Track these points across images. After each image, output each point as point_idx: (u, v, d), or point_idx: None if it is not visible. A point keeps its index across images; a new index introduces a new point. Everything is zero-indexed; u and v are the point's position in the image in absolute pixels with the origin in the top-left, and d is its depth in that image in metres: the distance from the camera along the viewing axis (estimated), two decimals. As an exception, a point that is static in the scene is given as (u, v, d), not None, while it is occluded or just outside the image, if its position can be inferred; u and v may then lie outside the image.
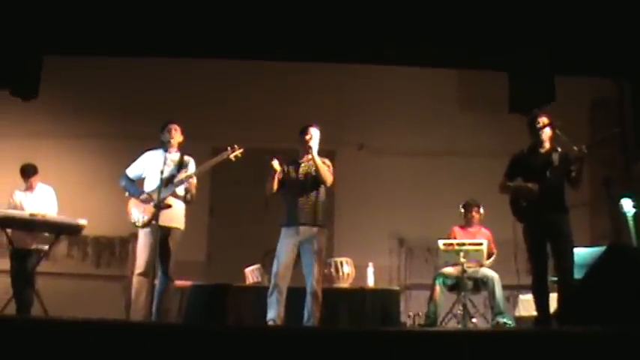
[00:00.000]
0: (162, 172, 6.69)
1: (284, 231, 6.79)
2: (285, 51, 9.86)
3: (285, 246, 6.71)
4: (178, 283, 7.21)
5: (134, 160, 7.14)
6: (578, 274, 6.04)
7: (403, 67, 10.31)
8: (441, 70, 10.36)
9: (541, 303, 6.28)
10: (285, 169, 6.89)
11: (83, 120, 10.25)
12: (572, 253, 6.21)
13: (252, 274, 8.18)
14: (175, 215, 6.86)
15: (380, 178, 10.25)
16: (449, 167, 10.13)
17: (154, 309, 6.54)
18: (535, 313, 6.45)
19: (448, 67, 10.37)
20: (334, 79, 10.43)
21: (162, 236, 6.67)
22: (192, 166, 7.03)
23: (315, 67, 10.26)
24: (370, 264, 8.41)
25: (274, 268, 6.68)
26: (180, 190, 6.92)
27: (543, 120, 6.48)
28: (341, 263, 8.12)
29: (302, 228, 6.70)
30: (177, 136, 7.03)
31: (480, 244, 7.68)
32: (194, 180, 6.97)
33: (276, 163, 6.80)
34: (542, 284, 6.29)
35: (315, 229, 6.71)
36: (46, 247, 7.95)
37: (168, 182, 6.76)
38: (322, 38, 9.47)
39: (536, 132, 6.48)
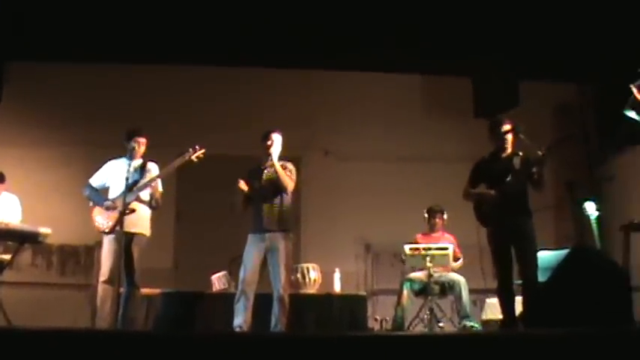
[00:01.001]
0: (127, 179, 6.64)
1: (250, 237, 6.79)
2: (250, 57, 9.85)
3: (252, 252, 6.70)
4: (145, 290, 7.15)
5: (98, 168, 7.09)
6: (543, 277, 6.07)
7: (367, 73, 10.34)
8: (405, 75, 10.41)
9: (506, 306, 6.30)
10: (250, 178, 6.91)
11: (47, 127, 10.12)
12: (535, 256, 6.25)
13: (218, 280, 8.13)
14: (140, 221, 6.80)
15: (346, 184, 10.25)
16: (415, 172, 10.15)
17: (119, 317, 6.47)
18: (501, 317, 6.48)
19: (412, 73, 10.43)
20: (300, 86, 10.44)
21: (126, 242, 6.61)
22: (155, 171, 6.99)
23: (281, 74, 10.26)
24: (337, 270, 8.43)
25: (241, 275, 6.67)
26: (145, 195, 6.88)
27: (506, 127, 6.51)
28: (307, 269, 8.10)
29: (268, 234, 6.70)
30: (142, 148, 7.01)
31: (446, 248, 7.71)
32: (159, 184, 6.95)
33: (242, 185, 6.82)
34: (507, 288, 6.30)
35: (280, 235, 6.71)
36: (9, 256, 7.82)
37: (131, 187, 6.70)
38: (288, 45, 9.48)
39: (498, 138, 6.51)
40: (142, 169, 6.91)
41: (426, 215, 8.43)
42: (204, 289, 8.08)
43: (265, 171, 6.90)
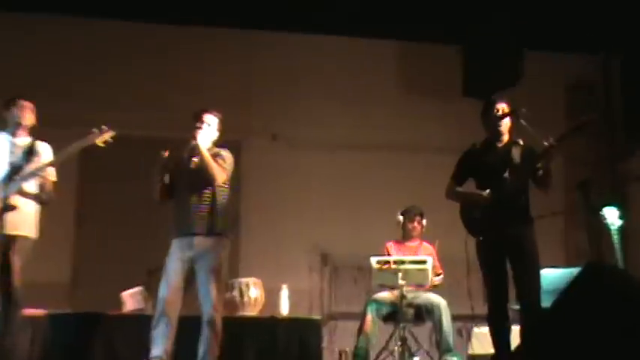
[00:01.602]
0: (11, 164, 6.49)
1: (174, 244, 6.66)
2: (177, 11, 9.71)
3: (175, 262, 6.58)
4: (29, 311, 6.97)
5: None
6: (548, 302, 6.03)
7: (328, 37, 10.28)
8: (377, 40, 10.37)
9: (499, 337, 6.26)
10: (175, 167, 6.79)
11: None
12: (538, 275, 6.20)
13: (131, 298, 8.07)
14: (22, 220, 6.55)
15: (298, 177, 10.31)
16: (387, 164, 10.25)
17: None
18: (492, 351, 6.43)
19: (386, 38, 10.39)
20: (240, 50, 10.45)
21: (3, 249, 6.41)
22: (47, 154, 6.76)
23: (216, 34, 10.25)
24: (284, 286, 8.35)
25: (161, 292, 6.55)
26: (31, 186, 6.64)
27: (502, 107, 6.43)
28: (247, 285, 8.05)
29: (196, 239, 6.57)
30: (29, 116, 6.77)
31: (424, 261, 7.64)
32: (51, 173, 6.72)
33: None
34: (501, 314, 6.27)
35: (212, 240, 6.58)
36: None
37: (13, 175, 6.50)
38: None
39: (492, 122, 6.43)
40: (30, 152, 6.67)
41: (401, 219, 8.40)
42: (111, 310, 7.94)
43: (194, 159, 6.76)
